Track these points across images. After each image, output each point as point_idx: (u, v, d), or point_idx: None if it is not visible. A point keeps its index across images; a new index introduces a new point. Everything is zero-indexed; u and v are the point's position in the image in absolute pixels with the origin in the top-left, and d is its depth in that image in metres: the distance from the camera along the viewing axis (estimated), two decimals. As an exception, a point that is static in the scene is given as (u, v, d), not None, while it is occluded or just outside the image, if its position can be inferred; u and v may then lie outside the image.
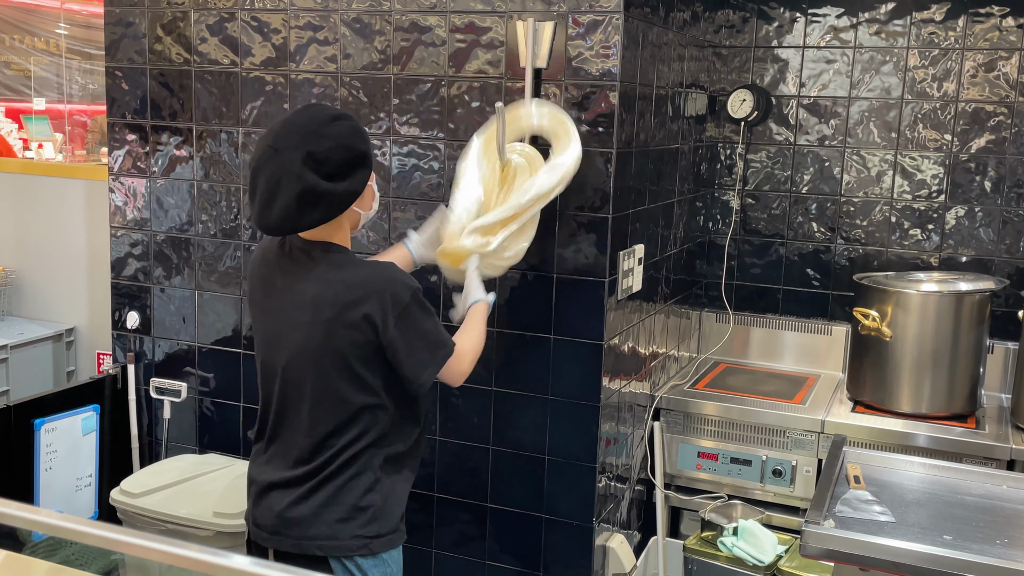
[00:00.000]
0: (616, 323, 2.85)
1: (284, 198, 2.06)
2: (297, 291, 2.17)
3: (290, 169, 2.05)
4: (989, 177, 3.46)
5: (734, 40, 3.70)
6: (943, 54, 3.45)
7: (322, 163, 2.06)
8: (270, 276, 2.26)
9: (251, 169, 2.13)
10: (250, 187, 2.13)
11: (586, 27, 2.66)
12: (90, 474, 3.23)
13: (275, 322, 2.23)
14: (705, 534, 3.08)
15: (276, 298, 2.22)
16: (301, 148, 2.06)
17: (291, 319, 2.18)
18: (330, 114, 2.14)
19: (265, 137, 2.13)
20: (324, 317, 2.12)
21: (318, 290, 2.14)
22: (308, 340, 2.14)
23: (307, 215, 2.08)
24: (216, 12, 3.11)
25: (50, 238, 4.00)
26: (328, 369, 2.14)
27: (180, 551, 1.28)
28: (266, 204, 2.08)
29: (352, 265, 2.19)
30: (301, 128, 2.09)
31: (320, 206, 2.08)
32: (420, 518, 3.02)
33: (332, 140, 2.08)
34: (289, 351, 2.18)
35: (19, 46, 7.62)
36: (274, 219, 2.09)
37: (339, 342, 2.12)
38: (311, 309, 2.14)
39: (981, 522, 2.31)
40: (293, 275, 2.19)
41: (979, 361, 3.21)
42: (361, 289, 2.12)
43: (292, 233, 2.16)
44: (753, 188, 3.75)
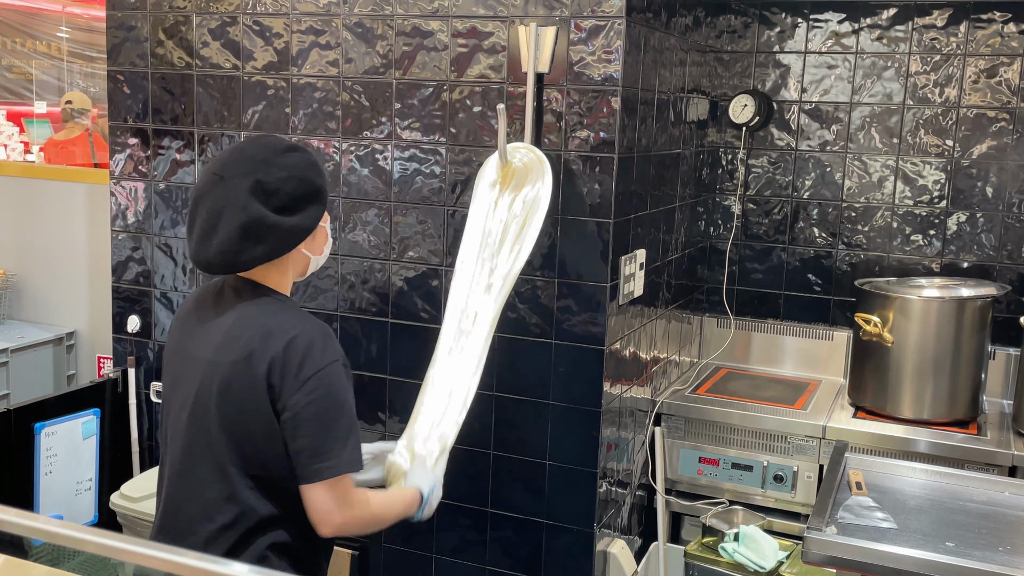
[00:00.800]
0: (617, 328, 2.84)
1: (226, 230, 1.86)
2: (210, 328, 1.95)
3: (235, 198, 1.86)
4: (991, 183, 3.45)
5: (736, 45, 3.70)
6: (945, 60, 3.45)
7: (271, 194, 1.88)
8: (190, 316, 2.05)
9: (192, 199, 1.93)
10: (189, 218, 1.93)
11: (588, 32, 2.66)
12: (90, 478, 3.22)
13: (180, 361, 2.00)
14: (706, 540, 3.07)
15: (191, 336, 2.00)
16: (249, 176, 1.87)
17: (195, 357, 1.95)
18: (284, 144, 1.96)
19: (211, 165, 1.94)
20: (228, 358, 1.88)
21: (233, 329, 1.91)
22: (205, 383, 1.91)
23: (249, 250, 1.88)
24: (218, 16, 3.11)
25: (51, 242, 4.00)
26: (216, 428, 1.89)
27: (179, 559, 1.27)
28: (204, 236, 1.88)
29: (278, 310, 1.94)
30: (251, 156, 1.90)
31: (265, 241, 1.88)
32: (421, 523, 3.01)
33: (284, 170, 1.90)
34: (183, 396, 1.95)
35: (21, 49, 7.63)
36: (212, 252, 1.88)
37: (233, 393, 1.88)
38: (219, 348, 1.91)
39: (983, 529, 2.31)
40: (214, 312, 1.97)
41: (981, 367, 3.21)
42: (277, 336, 1.87)
43: (231, 271, 1.94)
44: (754, 193, 3.75)
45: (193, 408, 1.94)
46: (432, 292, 2.91)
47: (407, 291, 2.95)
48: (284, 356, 1.87)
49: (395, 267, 2.96)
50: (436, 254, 2.90)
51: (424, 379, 2.49)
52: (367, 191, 2.96)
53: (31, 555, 2.81)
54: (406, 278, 2.95)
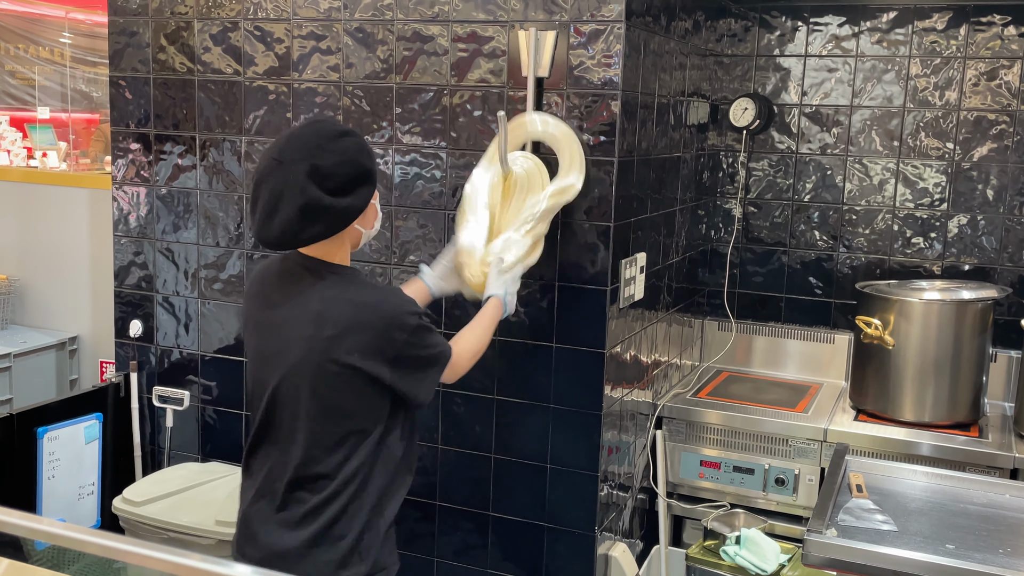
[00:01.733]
0: (618, 331, 2.85)
1: (286, 211, 2.03)
2: (298, 306, 2.12)
3: (294, 182, 2.02)
4: (991, 185, 3.46)
5: (736, 49, 3.71)
6: (945, 63, 3.45)
7: (326, 177, 2.03)
8: (268, 293, 2.21)
9: (254, 181, 2.09)
10: (252, 199, 2.10)
11: (588, 36, 2.67)
12: (92, 482, 3.23)
13: (271, 338, 2.17)
14: (707, 543, 3.07)
15: (273, 314, 2.17)
16: (306, 161, 2.03)
17: (289, 335, 2.12)
18: (337, 129, 2.12)
19: (270, 150, 2.09)
20: (326, 334, 2.07)
21: (322, 307, 2.09)
22: (306, 356, 2.09)
23: (308, 229, 2.05)
24: (219, 22, 3.12)
25: (54, 247, 4.01)
26: (322, 389, 2.09)
27: (182, 560, 1.28)
28: (267, 217, 2.05)
29: (358, 286, 2.15)
30: (307, 142, 2.06)
31: (322, 221, 2.05)
32: (422, 527, 3.02)
33: (338, 155, 2.06)
34: (284, 367, 2.12)
35: (23, 55, 7.65)
36: (275, 232, 2.05)
37: (335, 362, 2.07)
38: (313, 325, 2.08)
39: (984, 531, 2.31)
40: (294, 291, 2.14)
41: (982, 369, 3.21)
42: (366, 311, 2.09)
43: (292, 248, 2.12)
44: (755, 196, 3.75)
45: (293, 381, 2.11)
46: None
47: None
48: (375, 326, 2.08)
49: (396, 271, 2.97)
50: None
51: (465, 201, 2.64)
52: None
53: (33, 559, 2.82)
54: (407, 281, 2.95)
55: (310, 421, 2.11)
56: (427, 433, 2.97)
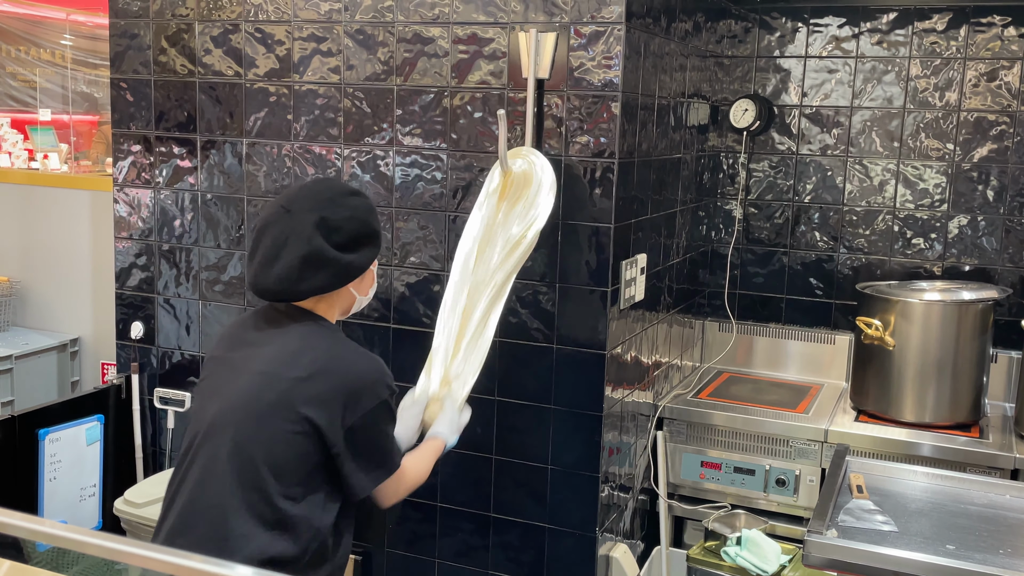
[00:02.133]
0: (619, 332, 2.85)
1: (288, 258, 2.00)
2: (268, 343, 2.04)
3: (300, 231, 2.00)
4: (991, 186, 3.46)
5: (736, 50, 3.71)
6: (945, 63, 3.46)
7: (334, 231, 2.02)
8: (238, 334, 2.14)
9: (257, 228, 2.06)
10: (252, 246, 2.06)
11: (588, 38, 2.67)
12: (94, 484, 3.23)
13: (226, 371, 2.07)
14: (708, 544, 3.07)
15: (239, 350, 2.08)
16: (315, 212, 2.01)
17: (247, 368, 2.02)
18: (348, 188, 2.15)
19: (278, 199, 2.09)
20: (292, 375, 1.97)
21: (296, 347, 2.01)
22: (259, 394, 1.97)
23: (308, 280, 2.01)
24: (220, 24, 3.12)
25: (55, 248, 4.02)
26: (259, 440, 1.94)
27: (183, 561, 1.28)
28: (267, 263, 2.01)
29: (341, 340, 2.08)
30: (318, 194, 2.06)
31: (322, 273, 2.02)
32: (423, 528, 3.02)
33: (348, 211, 2.06)
34: (228, 399, 2.00)
35: (24, 57, 7.65)
36: (272, 279, 2.00)
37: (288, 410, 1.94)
38: (282, 364, 1.99)
39: (984, 532, 2.31)
40: (268, 330, 2.07)
41: (982, 370, 3.21)
42: (341, 364, 2.00)
43: (286, 299, 2.05)
44: (755, 197, 3.76)
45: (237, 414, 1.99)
46: (434, 297, 2.91)
47: (409, 296, 2.96)
48: (347, 384, 1.99)
49: (397, 272, 2.97)
50: (438, 259, 2.91)
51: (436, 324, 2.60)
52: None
53: (33, 561, 2.82)
54: (407, 283, 2.96)
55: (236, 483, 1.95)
56: (428, 434, 2.97)
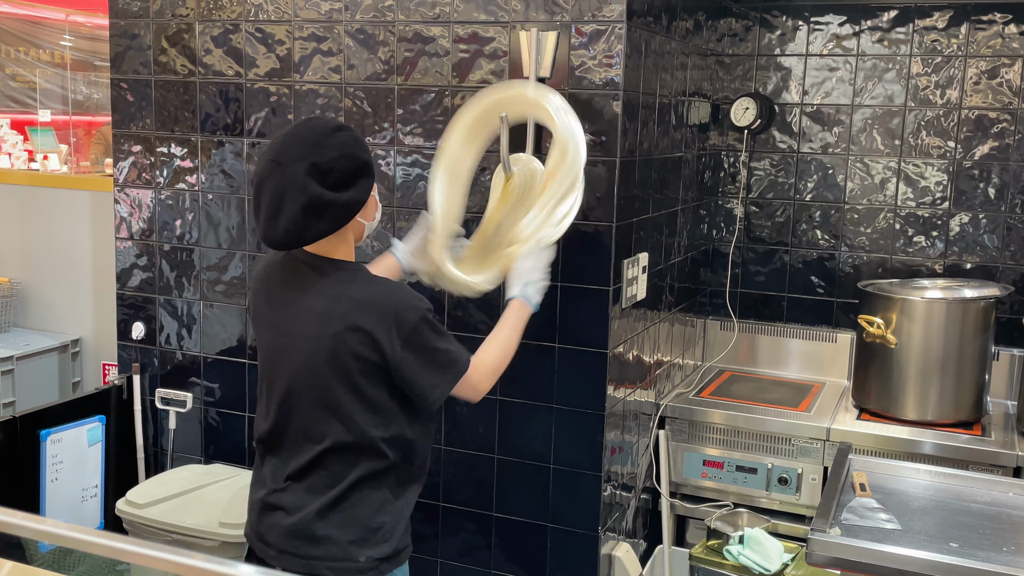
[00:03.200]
0: (620, 331, 2.85)
1: (290, 210, 2.05)
2: (304, 305, 2.15)
3: (294, 181, 2.04)
4: (993, 184, 3.46)
5: (737, 48, 3.71)
6: (946, 61, 3.45)
7: (326, 173, 2.05)
8: (275, 291, 2.24)
9: (254, 184, 2.12)
10: (254, 202, 2.12)
11: (589, 37, 2.67)
12: (96, 485, 3.23)
13: (280, 336, 2.20)
14: (711, 542, 3.07)
15: (282, 312, 2.20)
16: (304, 160, 2.05)
17: (297, 332, 2.15)
18: (331, 125, 2.14)
19: (267, 151, 2.11)
20: (330, 332, 2.09)
21: (326, 305, 2.12)
22: (314, 353, 2.12)
23: (313, 226, 2.07)
24: (220, 24, 3.12)
25: (56, 249, 4.02)
26: (333, 384, 2.12)
27: (186, 560, 1.28)
28: (271, 217, 2.07)
29: (361, 281, 2.16)
30: (303, 140, 2.08)
31: (326, 216, 2.07)
32: (425, 527, 3.02)
33: (335, 151, 2.08)
34: (294, 364, 2.16)
35: (24, 58, 7.65)
36: (280, 232, 2.07)
37: (344, 357, 2.10)
38: (318, 323, 2.11)
39: (987, 529, 2.31)
40: (300, 289, 2.17)
41: (984, 368, 3.21)
42: (369, 307, 2.10)
43: (299, 246, 2.14)
44: (757, 196, 3.75)
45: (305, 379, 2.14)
46: (435, 297, 2.91)
47: (410, 296, 2.95)
48: (379, 319, 2.09)
49: (398, 272, 2.96)
50: (439, 259, 2.91)
51: None
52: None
53: (35, 561, 2.82)
54: (409, 283, 2.95)
55: (322, 418, 2.14)
56: (430, 434, 2.97)
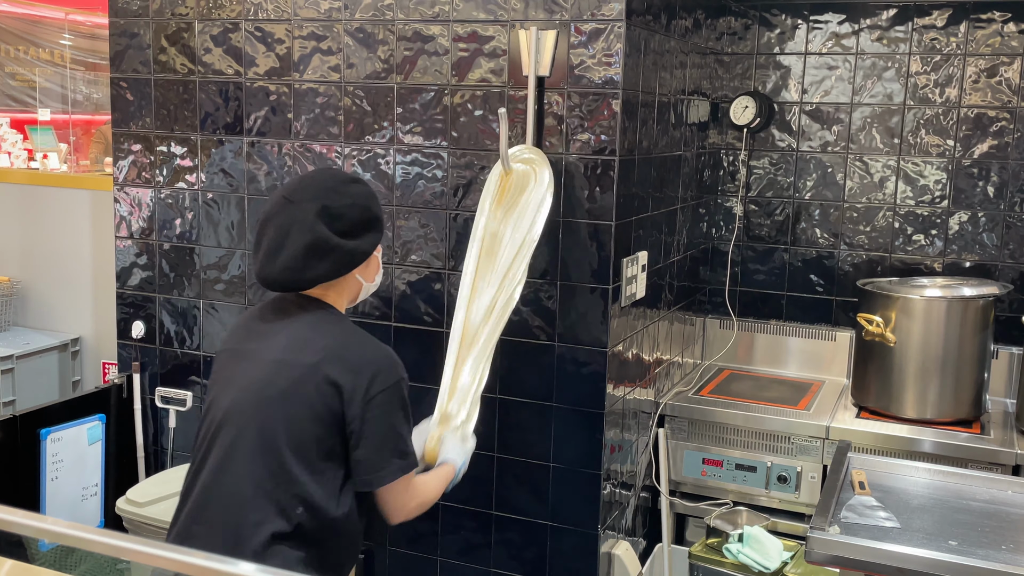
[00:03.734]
0: (620, 330, 2.85)
1: (292, 248, 2.02)
2: (280, 331, 2.07)
3: (303, 220, 2.02)
4: (992, 182, 3.46)
5: (736, 47, 3.71)
6: (945, 60, 3.46)
7: (336, 218, 2.04)
8: (251, 324, 2.17)
9: (260, 221, 2.09)
10: (256, 238, 2.09)
11: (588, 35, 2.67)
12: (96, 484, 3.23)
13: (239, 361, 2.10)
14: (710, 541, 3.07)
15: (252, 339, 2.11)
16: (317, 201, 2.04)
17: (260, 356, 2.05)
18: (349, 176, 2.18)
19: (281, 190, 2.11)
20: (304, 360, 2.00)
21: (309, 334, 2.04)
22: (273, 379, 2.00)
23: (313, 268, 2.03)
24: (220, 23, 3.12)
25: (55, 248, 4.02)
26: (279, 423, 1.97)
27: (186, 558, 1.28)
28: (272, 253, 2.04)
29: (349, 328, 2.10)
30: (319, 184, 2.09)
31: (327, 260, 2.04)
32: (425, 526, 3.02)
33: (349, 198, 2.08)
34: (243, 388, 2.03)
35: (24, 57, 7.65)
36: (278, 269, 2.03)
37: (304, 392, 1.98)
38: (294, 349, 2.02)
39: (986, 527, 2.31)
40: (280, 319, 2.10)
41: (984, 366, 3.21)
42: (353, 350, 2.03)
43: (293, 288, 2.08)
44: (756, 194, 3.76)
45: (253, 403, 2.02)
46: (435, 296, 2.91)
47: (410, 295, 2.96)
48: (358, 369, 2.00)
49: (398, 271, 2.97)
50: (439, 258, 2.92)
51: (446, 355, 2.60)
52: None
53: (36, 560, 2.82)
54: (409, 282, 2.96)
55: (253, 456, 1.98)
56: (430, 432, 2.98)
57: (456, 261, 2.88)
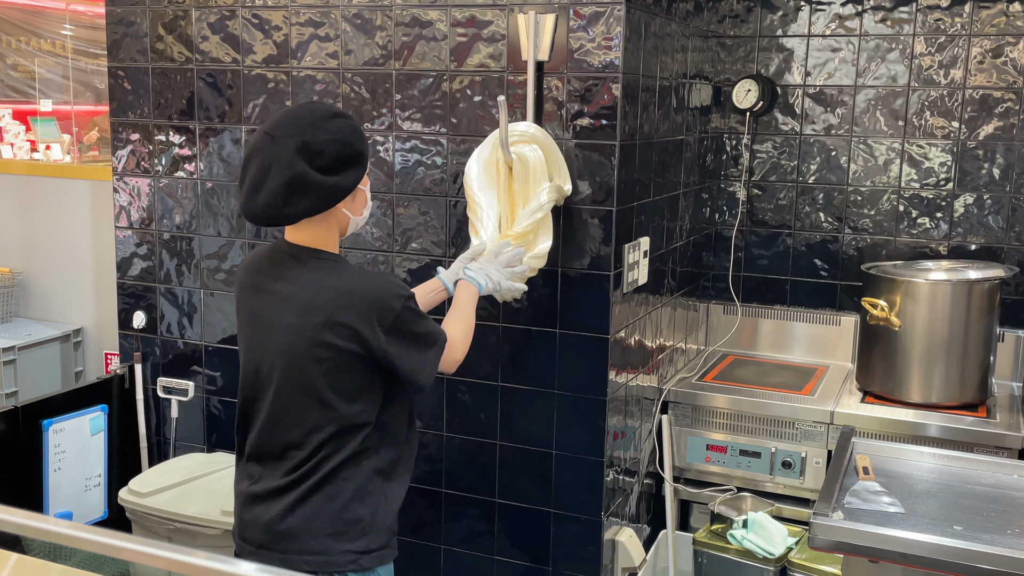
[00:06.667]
0: (622, 316, 2.83)
1: (272, 184, 2.03)
2: (285, 294, 2.12)
3: (282, 156, 2.03)
4: (997, 164, 3.43)
5: (738, 30, 3.68)
6: (949, 40, 3.42)
7: (315, 155, 2.04)
8: (258, 281, 2.21)
9: (244, 156, 2.11)
10: (241, 173, 2.11)
11: (588, 19, 2.64)
12: (99, 474, 3.23)
13: (260, 325, 2.18)
14: (715, 527, 3.06)
15: (263, 301, 2.17)
16: (296, 137, 2.03)
17: (277, 322, 2.12)
18: (331, 111, 2.13)
19: (264, 125, 2.11)
20: (312, 321, 2.07)
21: (308, 294, 2.09)
22: (294, 343, 2.09)
23: (293, 204, 2.05)
24: (217, 10, 3.10)
25: (57, 239, 4.01)
26: (313, 374, 2.09)
27: (186, 558, 1.27)
28: (253, 190, 2.06)
29: (343, 272, 2.14)
30: (300, 119, 2.07)
31: (307, 197, 2.05)
32: (428, 514, 3.02)
33: (329, 134, 2.06)
34: (273, 353, 2.13)
35: (25, 48, 7.63)
36: (259, 205, 2.06)
37: (325, 347, 2.07)
38: (300, 312, 2.09)
39: (991, 512, 2.29)
40: (282, 279, 2.14)
41: (989, 349, 3.19)
42: (351, 297, 2.08)
43: (277, 223, 2.11)
44: (759, 179, 3.73)
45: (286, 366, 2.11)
46: (436, 283, 2.90)
47: (411, 282, 2.94)
48: (365, 311, 2.07)
49: (398, 259, 2.96)
50: (439, 245, 2.90)
51: None
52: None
53: (33, 552, 2.82)
54: (409, 269, 2.95)
55: (301, 408, 2.11)
56: (432, 420, 2.97)
57: (457, 248, 2.86)
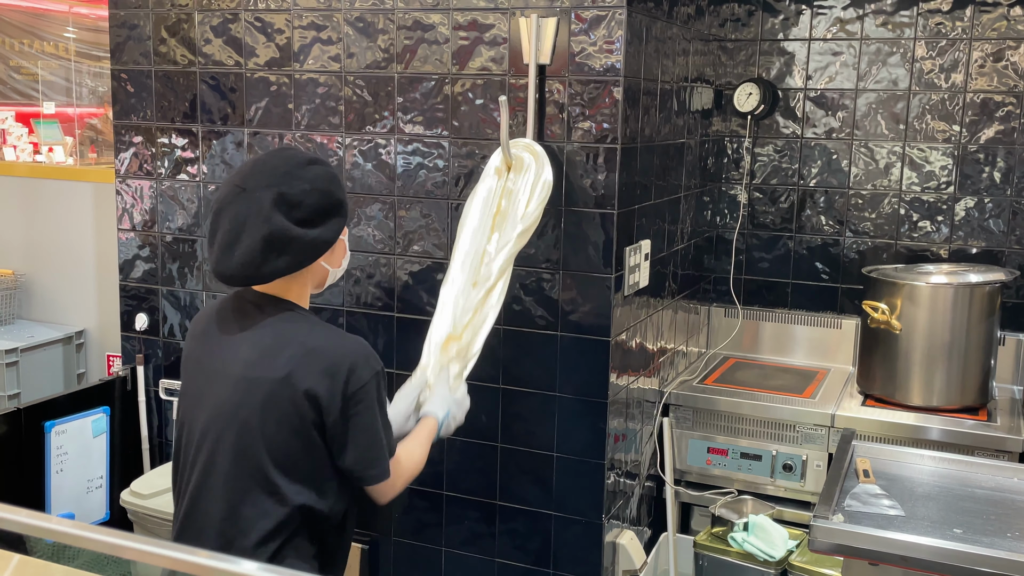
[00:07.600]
0: (623, 319, 2.84)
1: (248, 241, 1.86)
2: (242, 343, 1.94)
3: (257, 210, 1.86)
4: (998, 168, 3.43)
5: (739, 33, 3.68)
6: (950, 44, 3.43)
7: (294, 206, 1.88)
8: (210, 330, 2.02)
9: (213, 211, 1.92)
10: (210, 229, 1.92)
11: (589, 22, 2.65)
12: (101, 476, 3.24)
13: (206, 376, 1.98)
14: (716, 530, 3.07)
15: (214, 351, 1.98)
16: (272, 188, 1.87)
17: (226, 372, 1.93)
18: (305, 157, 1.98)
19: (232, 177, 1.94)
20: (268, 376, 1.89)
21: (269, 346, 1.91)
22: (243, 397, 1.90)
23: (271, 262, 1.88)
24: (220, 13, 3.11)
25: (59, 241, 4.02)
26: (255, 435, 1.89)
27: (188, 557, 1.27)
28: (227, 247, 1.88)
29: (312, 326, 1.96)
30: (273, 168, 1.91)
31: (287, 253, 1.88)
32: (429, 516, 3.02)
33: (307, 183, 1.91)
34: (215, 408, 1.93)
35: (28, 51, 7.65)
36: (234, 264, 1.88)
37: (276, 408, 1.88)
38: (253, 365, 1.90)
39: (992, 515, 2.30)
40: (239, 327, 1.96)
41: (990, 353, 3.19)
42: (319, 357, 1.90)
43: (252, 283, 1.94)
44: (760, 182, 3.73)
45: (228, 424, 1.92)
46: (437, 286, 2.90)
47: (412, 285, 2.95)
48: (332, 372, 1.89)
49: (400, 261, 2.96)
50: (441, 247, 2.90)
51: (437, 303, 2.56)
52: (371, 186, 2.96)
53: (37, 553, 2.83)
54: (411, 272, 2.95)
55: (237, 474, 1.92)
56: (433, 423, 2.97)
57: (458, 251, 2.86)
